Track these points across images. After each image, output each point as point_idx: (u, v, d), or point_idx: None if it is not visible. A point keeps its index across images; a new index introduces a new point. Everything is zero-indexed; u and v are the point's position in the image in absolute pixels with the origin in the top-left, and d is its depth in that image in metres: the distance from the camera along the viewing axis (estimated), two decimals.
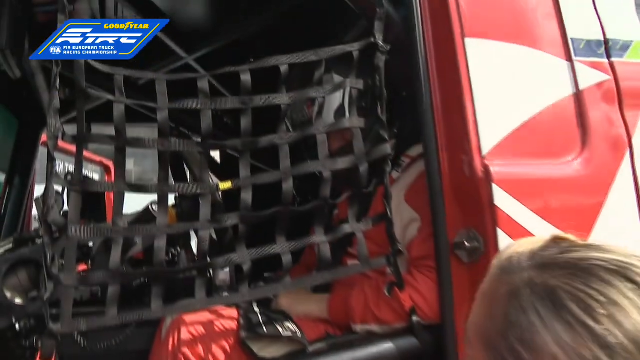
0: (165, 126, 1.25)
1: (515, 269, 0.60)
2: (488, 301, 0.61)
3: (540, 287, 0.57)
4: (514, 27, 1.42)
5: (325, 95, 1.38)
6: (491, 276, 0.63)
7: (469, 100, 1.34)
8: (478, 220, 1.30)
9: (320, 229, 1.37)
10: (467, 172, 1.33)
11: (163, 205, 1.27)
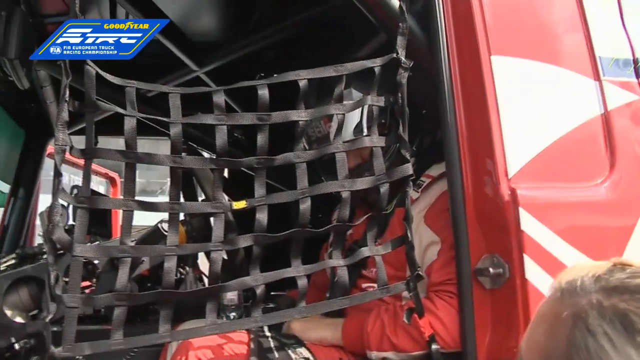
0: (178, 142, 1.22)
1: (580, 292, 0.62)
2: (549, 323, 0.62)
3: (609, 310, 0.58)
4: (541, 45, 1.39)
5: (346, 112, 1.34)
6: (552, 298, 0.65)
7: (496, 120, 1.31)
8: (503, 246, 1.26)
9: (337, 252, 1.34)
10: (493, 194, 1.30)
11: (174, 224, 1.24)
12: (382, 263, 1.35)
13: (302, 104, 1.31)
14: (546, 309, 0.65)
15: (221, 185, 1.24)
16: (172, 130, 1.21)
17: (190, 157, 1.22)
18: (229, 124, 1.24)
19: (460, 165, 1.35)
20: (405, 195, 1.34)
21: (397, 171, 1.33)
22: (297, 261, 1.28)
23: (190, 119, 1.25)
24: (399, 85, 1.33)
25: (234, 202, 1.25)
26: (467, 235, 1.32)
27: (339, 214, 1.32)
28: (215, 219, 1.24)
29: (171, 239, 1.22)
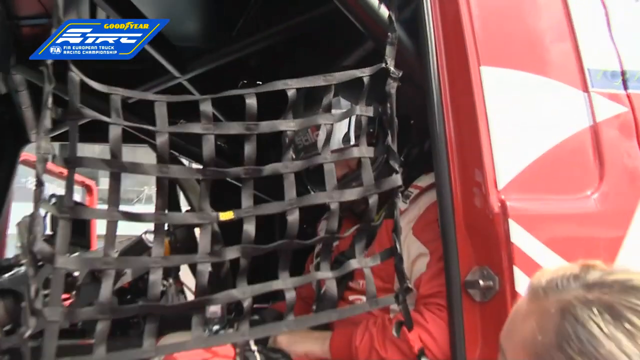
0: (164, 151, 1.22)
1: (563, 289, 0.67)
2: (536, 319, 0.66)
3: (595, 303, 0.63)
4: (530, 56, 1.42)
5: (334, 122, 1.36)
6: (535, 297, 0.69)
7: (485, 131, 1.33)
8: (493, 258, 1.29)
9: (325, 264, 1.35)
10: (482, 206, 1.32)
11: (160, 236, 1.23)
12: (371, 276, 1.36)
13: (290, 114, 1.32)
14: (530, 307, 0.69)
15: (208, 196, 1.24)
16: (159, 139, 1.21)
17: (178, 167, 1.23)
18: (217, 133, 1.25)
19: (450, 176, 1.37)
20: (394, 207, 1.35)
21: (386, 182, 1.35)
22: (285, 273, 1.29)
23: (177, 128, 1.25)
24: (387, 95, 1.35)
25: (221, 213, 1.25)
26: (457, 247, 1.34)
27: (327, 225, 1.33)
28: (201, 230, 1.24)
29: (156, 250, 1.21)
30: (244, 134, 1.27)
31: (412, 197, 1.62)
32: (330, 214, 1.32)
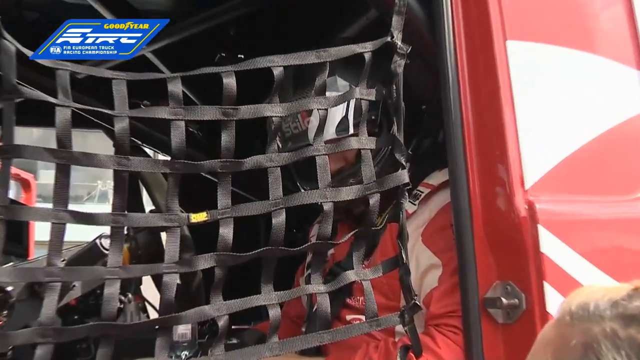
0: (124, 139, 1.21)
1: (593, 318, 0.64)
2: (555, 350, 0.65)
3: (625, 342, 0.60)
4: (570, 27, 1.42)
5: (329, 107, 1.36)
6: (560, 322, 0.68)
7: (511, 118, 1.33)
8: (518, 271, 1.29)
9: (317, 275, 1.35)
10: (506, 209, 1.32)
11: (117, 241, 1.22)
12: (372, 290, 1.35)
13: (277, 97, 1.32)
14: (552, 334, 0.68)
15: (177, 194, 1.24)
16: (117, 124, 1.19)
17: (140, 159, 1.22)
18: (188, 119, 1.24)
19: (467, 173, 1.37)
20: (400, 209, 1.35)
21: (390, 179, 1.35)
22: (268, 286, 1.29)
23: (139, 111, 1.25)
24: (393, 75, 1.35)
25: (192, 214, 1.25)
26: (475, 257, 1.34)
27: (319, 230, 1.33)
28: (168, 234, 1.23)
29: (113, 259, 1.20)
30: (220, 120, 1.26)
31: (422, 198, 1.62)
32: (324, 217, 1.31)
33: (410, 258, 1.43)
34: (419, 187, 1.64)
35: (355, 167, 1.60)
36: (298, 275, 1.96)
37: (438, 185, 1.61)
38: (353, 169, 1.62)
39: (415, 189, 1.63)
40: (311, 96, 1.36)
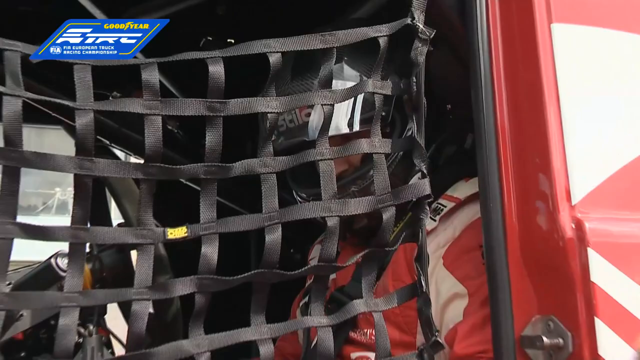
0: (87, 137, 1.18)
1: None
2: None
3: None
4: (632, 8, 1.41)
5: (335, 102, 1.34)
6: None
7: (556, 119, 1.32)
8: (563, 304, 1.27)
9: (318, 305, 1.32)
10: (548, 228, 1.30)
11: (77, 261, 1.20)
12: (384, 323, 1.33)
13: (273, 88, 1.30)
14: None
15: (150, 204, 1.22)
16: (80, 119, 1.17)
17: (107, 161, 1.19)
18: (166, 113, 1.22)
19: (501, 184, 1.36)
20: (420, 225, 1.33)
21: (408, 190, 1.33)
22: (259, 317, 1.26)
23: (107, 104, 1.22)
24: (413, 65, 1.34)
25: (169, 228, 1.23)
26: (509, 286, 1.32)
27: (322, 250, 1.30)
28: (139, 253, 1.21)
29: (71, 282, 1.18)
30: (205, 116, 1.25)
31: (444, 213, 1.61)
32: (328, 235, 1.29)
33: (430, 284, 1.40)
34: (439, 200, 1.63)
35: (359, 172, 1.62)
36: (295, 304, 1.94)
37: (465, 198, 1.60)
38: (356, 173, 1.63)
39: (435, 202, 1.62)
40: (314, 87, 1.34)
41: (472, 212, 1.53)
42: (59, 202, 13.68)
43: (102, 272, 1.65)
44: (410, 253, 1.35)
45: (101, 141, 2.23)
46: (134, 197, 1.42)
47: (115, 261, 1.66)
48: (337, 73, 1.43)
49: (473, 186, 1.44)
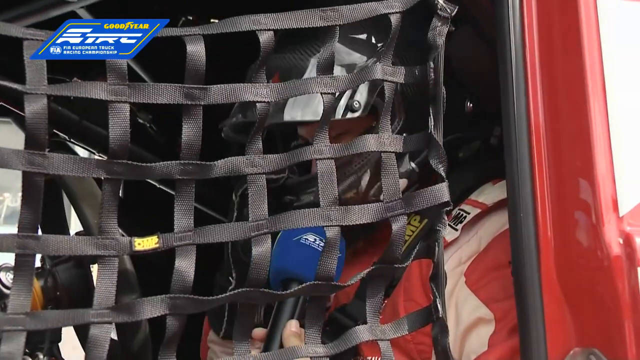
0: (39, 128, 1.17)
1: None
2: None
3: None
4: None
5: (337, 91, 1.33)
6: None
7: (600, 115, 1.32)
8: (608, 335, 1.27)
9: (314, 329, 1.31)
10: (590, 244, 1.30)
11: (24, 275, 1.18)
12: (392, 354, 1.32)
13: (263, 73, 1.29)
14: None
15: (115, 209, 1.21)
16: (30, 106, 1.15)
17: (62, 157, 1.18)
18: (135, 101, 1.21)
19: (533, 191, 1.35)
20: (436, 238, 1.32)
21: (422, 196, 1.32)
22: (242, 345, 1.26)
23: (63, 87, 1.20)
24: (431, 48, 1.33)
25: (136, 238, 1.21)
26: (543, 312, 1.31)
27: (320, 266, 1.29)
28: (101, 266, 1.20)
29: (17, 302, 1.16)
30: (183, 105, 1.24)
31: (468, 221, 1.61)
32: (326, 247, 1.28)
33: (448, 306, 1.42)
34: (462, 206, 1.63)
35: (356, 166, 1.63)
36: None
37: (491, 205, 1.60)
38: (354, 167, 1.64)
39: (456, 208, 1.62)
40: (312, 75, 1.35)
41: (501, 221, 1.51)
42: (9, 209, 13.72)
43: (55, 289, 1.64)
44: (427, 269, 1.34)
45: (58, 136, 2.21)
46: (95, 200, 1.41)
47: (72, 277, 1.65)
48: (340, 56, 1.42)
49: (503, 190, 1.43)
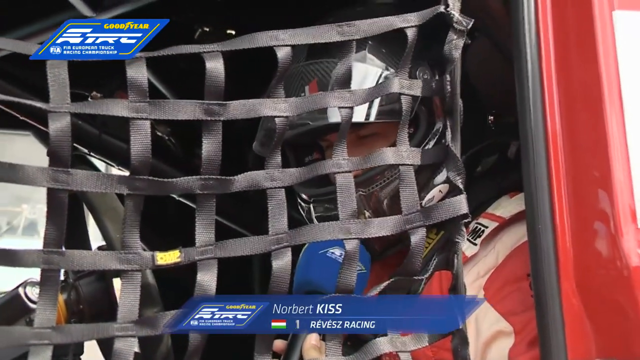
0: (63, 145, 1.18)
1: None
2: None
3: None
4: None
5: (355, 105, 1.35)
6: None
7: (618, 124, 1.32)
8: (628, 345, 1.27)
9: (335, 343, 1.32)
10: (609, 254, 1.30)
11: (50, 290, 1.19)
12: None
13: (281, 88, 1.31)
14: None
15: (137, 224, 1.22)
16: (54, 123, 1.17)
17: (86, 173, 1.19)
18: (155, 118, 1.23)
19: (551, 203, 1.35)
20: (455, 250, 1.33)
21: (440, 208, 1.33)
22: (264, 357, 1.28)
23: (86, 105, 1.22)
24: (447, 61, 1.34)
25: (158, 252, 1.23)
26: (563, 324, 1.31)
27: (340, 279, 1.30)
28: (124, 281, 1.21)
29: (43, 316, 1.18)
30: (202, 121, 1.25)
31: (486, 235, 1.61)
32: (346, 260, 1.29)
33: (468, 320, 1.39)
34: (479, 220, 1.64)
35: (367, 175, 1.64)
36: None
37: (510, 218, 1.60)
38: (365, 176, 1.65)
39: (474, 221, 1.62)
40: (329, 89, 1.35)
41: (518, 234, 1.53)
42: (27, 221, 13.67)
43: (79, 303, 1.65)
44: (447, 283, 1.34)
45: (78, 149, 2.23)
46: (117, 215, 1.42)
47: (94, 291, 1.66)
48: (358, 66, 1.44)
49: (520, 203, 1.44)
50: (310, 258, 1.52)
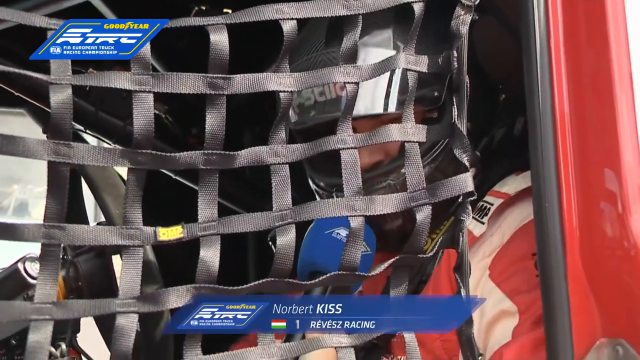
0: (64, 118, 1.19)
1: None
2: None
3: None
4: None
5: (361, 80, 1.34)
6: None
7: (627, 103, 1.32)
8: (635, 325, 1.28)
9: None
10: (615, 234, 1.31)
11: (50, 265, 1.19)
12: (416, 345, 1.32)
13: (286, 62, 1.30)
14: None
15: (139, 199, 1.22)
16: (56, 96, 1.17)
17: (88, 147, 1.19)
18: (158, 90, 1.22)
19: (558, 181, 1.35)
20: (460, 229, 1.34)
21: (445, 186, 1.33)
22: (267, 335, 1.28)
23: (86, 77, 1.22)
24: (454, 37, 1.34)
25: (161, 228, 1.23)
26: (568, 303, 1.31)
27: (344, 256, 1.30)
28: (125, 257, 1.21)
29: (43, 291, 1.18)
30: (206, 95, 1.25)
31: (492, 213, 1.62)
32: (351, 237, 1.29)
33: None
34: (486, 197, 1.64)
35: (396, 163, 1.62)
36: None
37: (514, 194, 1.61)
38: (393, 164, 1.64)
39: (480, 200, 1.63)
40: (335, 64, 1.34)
41: (524, 213, 1.53)
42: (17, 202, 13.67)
43: (77, 280, 1.65)
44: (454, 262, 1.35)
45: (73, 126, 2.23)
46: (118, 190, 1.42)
47: (93, 268, 1.65)
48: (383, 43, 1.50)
49: (526, 180, 1.45)
50: (316, 238, 1.52)
